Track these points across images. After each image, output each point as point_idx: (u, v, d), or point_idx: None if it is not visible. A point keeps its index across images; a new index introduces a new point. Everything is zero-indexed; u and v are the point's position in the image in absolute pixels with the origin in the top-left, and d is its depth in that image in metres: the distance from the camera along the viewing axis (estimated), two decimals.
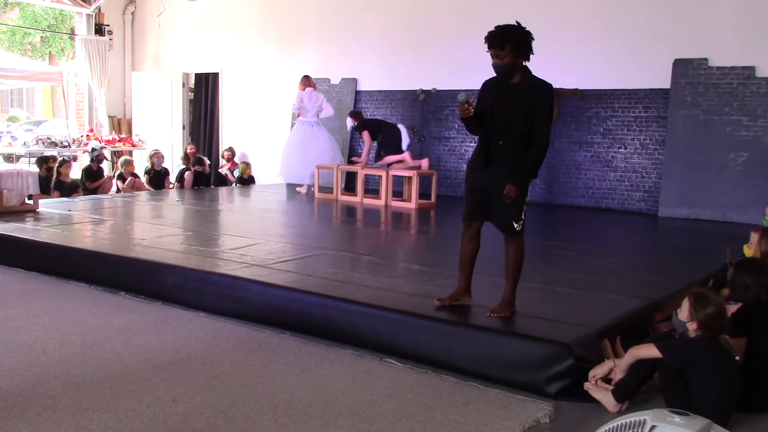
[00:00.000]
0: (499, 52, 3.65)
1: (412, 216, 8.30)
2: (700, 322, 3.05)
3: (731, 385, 3.02)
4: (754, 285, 3.49)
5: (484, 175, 3.86)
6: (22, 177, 7.52)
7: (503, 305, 3.91)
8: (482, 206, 3.93)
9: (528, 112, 3.70)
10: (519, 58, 3.69)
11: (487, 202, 3.91)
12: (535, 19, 9.69)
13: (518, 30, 3.70)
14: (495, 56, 3.67)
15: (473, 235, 4.01)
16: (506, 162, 3.77)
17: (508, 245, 3.94)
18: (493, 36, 3.68)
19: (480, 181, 3.89)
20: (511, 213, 3.84)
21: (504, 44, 3.64)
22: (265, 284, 4.58)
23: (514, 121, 3.73)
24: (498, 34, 3.67)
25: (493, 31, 3.70)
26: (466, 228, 4.02)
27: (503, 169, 3.78)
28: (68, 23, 21.10)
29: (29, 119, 25.14)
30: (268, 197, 9.82)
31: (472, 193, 3.95)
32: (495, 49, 3.66)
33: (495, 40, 3.66)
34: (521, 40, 3.67)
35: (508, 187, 3.75)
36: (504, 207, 3.83)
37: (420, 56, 10.65)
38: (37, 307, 4.67)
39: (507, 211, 3.84)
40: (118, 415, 2.97)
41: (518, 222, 3.86)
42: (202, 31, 13.31)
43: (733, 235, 6.63)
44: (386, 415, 3.06)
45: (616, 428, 2.50)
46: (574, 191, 9.46)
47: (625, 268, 5.53)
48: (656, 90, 8.85)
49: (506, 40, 3.64)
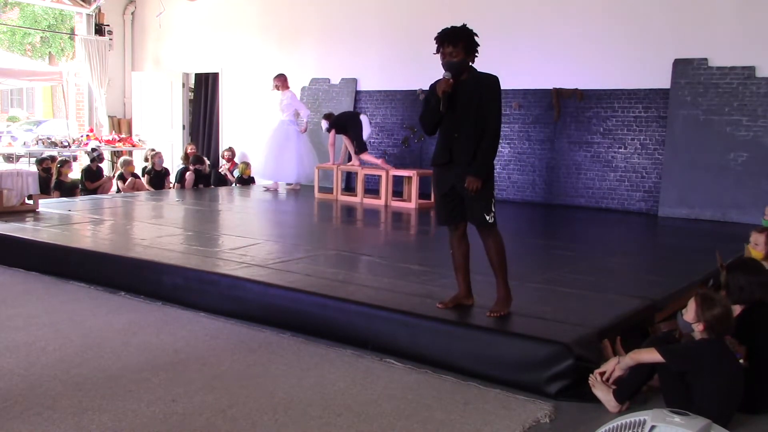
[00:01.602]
0: (452, 50, 3.80)
1: (412, 216, 8.30)
2: (708, 324, 3.04)
3: (733, 388, 3.02)
4: (748, 284, 3.50)
5: (451, 172, 3.93)
6: (22, 177, 7.52)
7: (500, 302, 3.93)
8: (457, 207, 3.98)
9: (479, 104, 3.84)
10: (468, 56, 3.85)
11: (460, 201, 3.95)
12: (535, 19, 9.71)
13: (469, 31, 3.88)
14: (448, 54, 3.82)
15: (460, 237, 4.05)
16: (466, 154, 3.86)
17: (486, 240, 3.96)
18: (448, 34, 3.84)
19: (448, 180, 3.96)
20: (481, 206, 3.89)
21: (458, 42, 3.80)
22: (265, 284, 4.58)
23: (467, 114, 3.85)
24: (453, 32, 3.85)
25: (447, 30, 3.87)
26: (452, 231, 4.06)
27: (464, 162, 3.87)
28: (68, 23, 21.10)
29: (29, 119, 25.14)
30: (268, 197, 9.82)
31: (444, 196, 4.01)
32: (449, 47, 3.80)
33: (450, 37, 3.82)
34: (471, 40, 3.85)
35: (468, 180, 3.82)
36: (474, 202, 3.88)
37: (420, 56, 10.60)
38: (37, 307, 4.67)
39: (477, 205, 3.89)
40: (118, 415, 2.97)
41: (489, 214, 3.90)
42: (202, 31, 13.31)
43: (733, 235, 6.63)
44: (386, 415, 3.06)
45: (616, 428, 2.50)
46: (574, 191, 9.46)
47: (625, 268, 5.54)
48: (656, 90, 8.85)
49: (459, 39, 3.81)
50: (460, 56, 3.81)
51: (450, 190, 3.97)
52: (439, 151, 4.00)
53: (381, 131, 11.28)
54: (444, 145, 3.97)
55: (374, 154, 10.39)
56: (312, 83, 11.95)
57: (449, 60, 3.82)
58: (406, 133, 10.96)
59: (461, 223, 4.02)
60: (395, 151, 11.10)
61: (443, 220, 4.06)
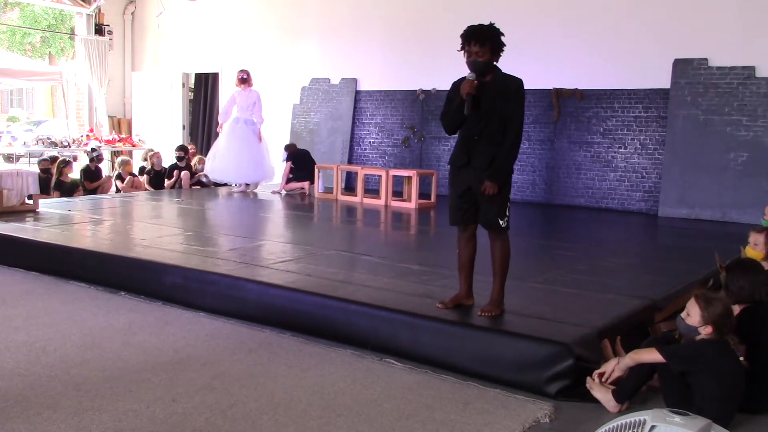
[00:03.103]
0: (479, 49, 3.72)
1: (412, 216, 8.30)
2: (716, 325, 3.04)
3: (734, 388, 3.02)
4: (749, 284, 3.50)
5: (468, 173, 3.89)
6: (22, 177, 7.52)
7: (493, 304, 3.93)
8: (471, 208, 3.95)
9: (502, 107, 3.77)
10: (494, 57, 3.79)
11: (474, 203, 3.93)
12: (536, 19, 9.71)
13: (497, 30, 3.80)
14: (474, 53, 3.74)
15: (469, 237, 4.02)
16: (485, 157, 3.81)
17: (494, 243, 3.95)
18: (476, 31, 3.75)
19: (465, 181, 3.92)
20: (496, 210, 3.86)
21: (485, 41, 3.72)
22: (265, 284, 4.58)
23: (489, 117, 3.79)
24: (480, 30, 3.76)
25: (475, 27, 3.78)
26: (462, 232, 4.03)
27: (484, 165, 3.82)
28: (68, 23, 21.10)
29: (29, 119, 25.11)
30: (268, 197, 9.82)
31: (460, 196, 3.97)
32: (476, 45, 3.72)
33: (478, 35, 3.73)
34: (498, 40, 3.78)
35: (485, 184, 3.79)
36: (488, 204, 3.85)
37: (420, 56, 10.65)
38: (37, 307, 4.67)
39: (491, 208, 3.86)
40: (118, 415, 2.97)
41: (503, 219, 3.87)
42: (201, 31, 13.32)
43: (733, 235, 6.63)
44: (386, 415, 3.05)
45: (616, 428, 2.50)
46: (574, 191, 9.46)
47: (625, 268, 5.53)
48: (656, 90, 8.85)
49: (487, 38, 3.73)
50: (486, 56, 3.73)
51: (465, 191, 3.92)
52: (457, 153, 3.95)
53: (381, 131, 11.29)
54: (463, 147, 3.91)
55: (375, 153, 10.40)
56: (312, 83, 11.95)
57: (475, 59, 3.74)
58: (406, 133, 10.96)
59: (472, 225, 4.00)
60: (395, 151, 11.11)
61: (456, 220, 4.02)
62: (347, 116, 11.51)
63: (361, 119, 11.48)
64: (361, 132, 11.49)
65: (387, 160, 11.17)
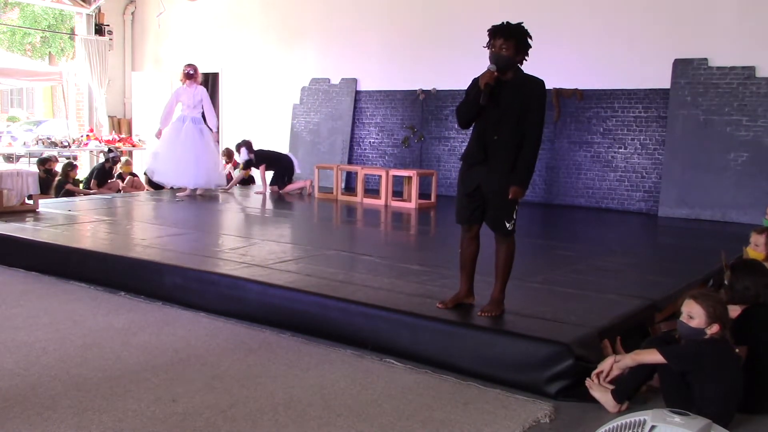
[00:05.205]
0: (503, 43, 3.71)
1: (412, 216, 8.30)
2: (721, 321, 3.04)
3: (734, 387, 3.02)
4: (754, 285, 3.49)
5: (480, 172, 3.85)
6: (22, 177, 7.53)
7: (493, 304, 3.92)
8: (478, 208, 3.92)
9: (522, 107, 3.74)
10: (518, 55, 3.78)
11: (483, 202, 3.90)
12: (536, 18, 9.68)
13: (524, 30, 3.80)
14: (498, 47, 3.72)
15: (473, 237, 4.00)
16: (502, 158, 3.78)
17: (499, 245, 3.93)
18: (502, 27, 3.75)
19: (475, 180, 3.88)
20: (504, 212, 3.84)
21: (510, 37, 3.72)
22: (265, 284, 4.58)
23: (508, 116, 3.76)
24: (507, 27, 3.76)
25: (502, 24, 3.78)
26: (466, 231, 4.02)
27: (499, 165, 3.79)
28: (68, 23, 21.10)
29: (29, 119, 25.11)
30: (268, 197, 9.81)
31: (468, 195, 3.93)
32: (500, 39, 3.71)
33: (504, 31, 3.73)
34: (524, 40, 3.77)
35: (513, 190, 3.75)
36: (497, 206, 3.83)
37: (420, 56, 10.65)
38: (37, 307, 4.67)
39: (500, 210, 3.84)
40: (118, 415, 2.96)
41: (510, 222, 3.86)
42: (202, 31, 13.32)
43: (733, 235, 6.63)
44: (386, 415, 3.05)
45: (616, 428, 2.50)
46: (574, 191, 9.46)
47: (625, 268, 5.53)
48: (656, 90, 8.85)
49: (512, 35, 3.73)
50: (510, 51, 3.72)
51: (474, 191, 3.89)
52: (473, 150, 3.89)
53: (381, 131, 11.29)
54: (480, 145, 3.85)
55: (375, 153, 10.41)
56: (312, 83, 11.96)
57: (498, 52, 3.73)
58: (406, 133, 10.97)
59: (477, 224, 3.98)
60: (395, 151, 11.11)
61: (462, 218, 4.00)
62: (347, 116, 11.52)
63: (361, 119, 11.48)
64: (361, 132, 11.49)
65: (387, 160, 11.17)
